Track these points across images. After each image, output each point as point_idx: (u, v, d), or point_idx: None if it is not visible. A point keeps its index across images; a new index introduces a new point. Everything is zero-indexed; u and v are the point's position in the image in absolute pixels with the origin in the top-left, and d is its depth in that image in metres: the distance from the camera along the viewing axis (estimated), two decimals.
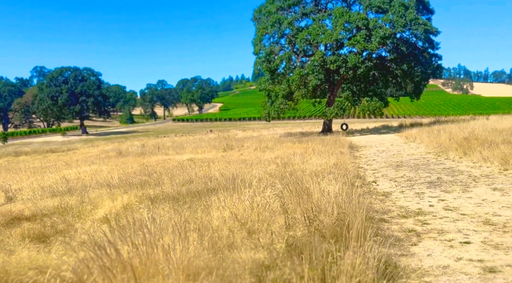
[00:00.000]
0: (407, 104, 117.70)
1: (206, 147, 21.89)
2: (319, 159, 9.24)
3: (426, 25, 26.07)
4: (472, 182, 6.54)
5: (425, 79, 28.44)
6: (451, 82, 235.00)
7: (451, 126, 18.91)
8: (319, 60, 26.37)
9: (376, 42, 25.00)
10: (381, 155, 13.20)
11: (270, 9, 28.50)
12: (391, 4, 26.23)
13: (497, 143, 9.50)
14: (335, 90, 30.61)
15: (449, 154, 10.73)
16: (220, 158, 14.06)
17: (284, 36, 28.85)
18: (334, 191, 4.23)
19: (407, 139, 18.18)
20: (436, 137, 13.81)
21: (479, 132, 13.29)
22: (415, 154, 12.28)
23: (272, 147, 18.03)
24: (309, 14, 28.54)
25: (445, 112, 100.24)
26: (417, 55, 27.01)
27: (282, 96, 29.49)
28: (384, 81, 29.19)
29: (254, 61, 30.05)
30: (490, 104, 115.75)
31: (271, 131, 45.82)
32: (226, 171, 7.70)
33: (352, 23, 25.61)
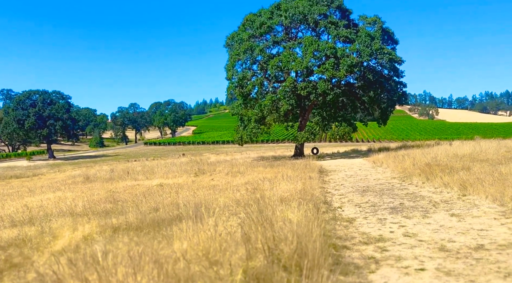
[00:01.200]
0: (376, 128, 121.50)
1: (177, 172, 21.62)
2: (287, 184, 9.35)
3: (391, 55, 27.40)
4: (432, 208, 6.80)
5: (391, 105, 29.61)
6: (417, 108, 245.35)
7: (416, 151, 19.63)
8: (290, 86, 27.06)
9: (344, 70, 25.96)
10: (349, 179, 13.49)
11: (242, 37, 29.18)
12: (357, 35, 27.48)
13: (457, 169, 9.95)
14: (306, 115, 31.29)
15: (413, 179, 11.11)
16: (190, 183, 13.92)
17: (256, 63, 29.49)
18: (296, 218, 4.30)
19: (375, 164, 18.69)
20: (401, 163, 14.30)
21: (441, 158, 13.89)
22: (381, 179, 12.63)
23: (243, 171, 18.04)
24: (280, 42, 29.41)
25: (412, 137, 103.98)
26: (383, 83, 28.18)
27: (255, 121, 29.86)
28: (352, 107, 30.18)
29: (227, 86, 30.43)
30: (455, 130, 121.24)
31: (244, 155, 45.84)
32: (194, 197, 7.64)
33: (321, 52, 26.56)
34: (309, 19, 28.07)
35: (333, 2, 28.67)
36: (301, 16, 27.87)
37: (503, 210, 5.97)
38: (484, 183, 7.45)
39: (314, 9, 27.80)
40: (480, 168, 9.57)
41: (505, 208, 6.03)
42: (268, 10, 29.73)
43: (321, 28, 28.74)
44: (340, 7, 29.26)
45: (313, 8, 27.86)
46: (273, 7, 29.75)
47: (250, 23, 29.72)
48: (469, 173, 8.96)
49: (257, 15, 30.40)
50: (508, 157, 12.23)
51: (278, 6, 29.48)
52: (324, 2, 28.51)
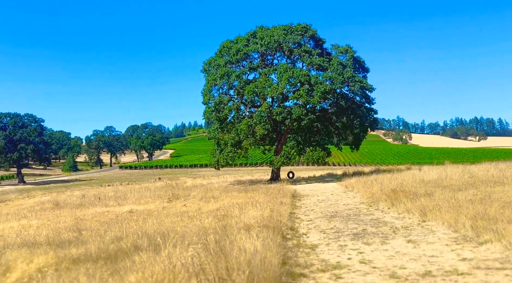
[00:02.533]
0: (352, 153, 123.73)
1: (150, 197, 21.34)
2: (256, 210, 9.44)
3: (362, 82, 28.41)
4: (392, 234, 7.02)
5: (363, 131, 30.45)
6: (391, 133, 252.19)
7: (386, 176, 20.15)
8: (266, 111, 27.54)
9: (317, 96, 26.68)
10: (320, 204, 13.69)
11: (219, 62, 29.70)
12: (330, 63, 28.45)
13: (420, 195, 10.32)
14: (282, 139, 31.72)
15: (380, 204, 11.41)
16: (161, 209, 13.78)
17: (233, 88, 29.94)
18: (253, 247, 4.40)
19: (346, 189, 19.04)
20: (370, 188, 14.66)
21: (408, 184, 14.34)
22: (350, 204, 12.89)
23: (217, 196, 18.00)
24: (256, 68, 30.07)
25: (387, 161, 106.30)
26: (355, 109, 29.08)
27: (231, 145, 29.98)
28: (326, 132, 30.85)
29: (204, 111, 30.65)
30: (427, 154, 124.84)
31: (221, 179, 45.60)
32: (159, 226, 7.61)
33: (295, 79, 27.28)
34: (284, 47, 28.93)
35: (307, 32, 29.73)
36: (276, 44, 28.71)
37: (456, 236, 6.25)
38: (442, 209, 7.77)
39: (288, 38, 28.73)
40: (441, 194, 9.97)
41: (457, 234, 6.31)
42: (245, 38, 30.49)
43: (296, 56, 29.61)
44: (313, 36, 30.34)
45: (288, 37, 28.80)
46: (249, 34, 30.55)
47: (227, 50, 30.34)
48: (430, 199, 9.32)
49: (234, 42, 31.11)
50: (469, 183, 12.78)
51: (254, 34, 30.31)
52: (298, 32, 29.53)
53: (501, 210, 6.89)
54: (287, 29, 29.54)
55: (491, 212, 6.67)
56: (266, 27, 30.78)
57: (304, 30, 29.70)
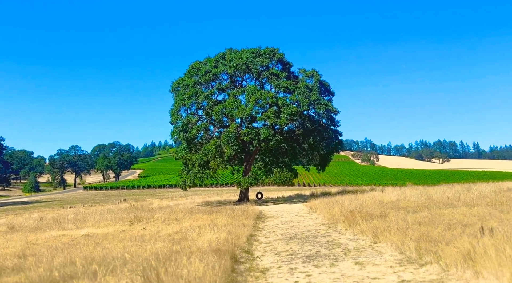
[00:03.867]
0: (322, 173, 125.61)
1: (111, 220, 20.64)
2: (214, 233, 9.36)
3: (327, 105, 29.23)
4: (343, 256, 7.15)
5: (329, 152, 31.11)
6: (360, 154, 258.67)
7: (349, 197, 20.54)
8: (234, 132, 27.67)
9: (284, 118, 27.14)
10: (282, 226, 13.74)
11: (187, 83, 29.76)
12: (297, 86, 29.16)
13: (375, 216, 10.59)
14: (250, 160, 31.82)
15: (338, 226, 11.61)
16: (118, 233, 13.36)
17: (202, 108, 29.99)
18: (196, 274, 4.37)
19: (311, 210, 19.24)
20: (331, 209, 14.90)
21: (367, 205, 14.69)
22: (311, 225, 13.02)
23: (181, 218, 17.70)
24: (225, 89, 30.38)
25: (355, 182, 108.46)
26: (321, 131, 29.75)
27: (199, 165, 29.75)
28: (293, 154, 31.26)
29: (171, 131, 30.38)
30: (393, 175, 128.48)
31: (189, 200, 44.87)
32: (111, 250, 7.38)
33: (263, 100, 27.71)
34: (253, 70, 29.45)
35: (275, 55, 30.47)
36: (245, 66, 29.20)
37: (401, 258, 6.46)
38: (392, 231, 8.02)
39: (257, 60, 29.32)
40: (395, 216, 10.29)
41: (402, 256, 6.52)
42: (214, 59, 30.84)
43: (264, 78, 30.18)
44: (281, 60, 31.12)
45: (256, 59, 29.38)
46: (218, 56, 30.94)
47: (196, 70, 30.53)
48: (384, 221, 9.59)
49: (203, 63, 31.38)
50: (424, 205, 13.27)
51: (223, 56, 30.73)
52: (266, 55, 30.21)
53: (444, 231, 7.20)
54: (255, 52, 30.16)
55: (434, 234, 6.96)
56: (235, 49, 31.33)
57: (272, 53, 30.44)
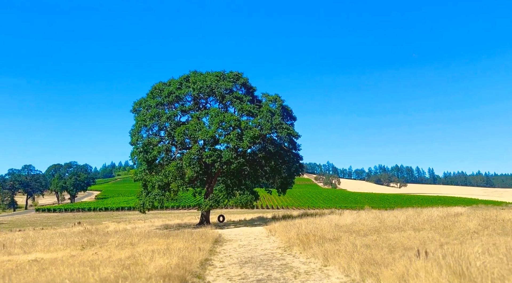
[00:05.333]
0: (285, 196, 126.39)
1: (63, 244, 19.65)
2: (167, 258, 9.20)
3: (289, 130, 29.88)
4: (292, 279, 7.29)
5: (290, 176, 31.57)
6: (322, 177, 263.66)
7: (308, 220, 20.84)
8: (196, 153, 27.53)
9: (247, 141, 27.42)
10: (240, 249, 13.70)
11: (150, 103, 29.51)
12: (260, 110, 29.70)
13: (328, 239, 10.86)
14: (212, 182, 31.63)
15: (293, 249, 11.77)
16: (69, 258, 12.74)
17: (164, 129, 29.72)
18: None
19: (270, 233, 19.32)
20: (289, 232, 15.07)
21: (323, 228, 15.01)
22: (268, 249, 13.09)
23: (136, 242, 17.17)
24: (189, 111, 30.37)
25: (316, 205, 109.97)
26: (283, 155, 30.26)
27: (159, 187, 29.17)
28: (255, 176, 31.46)
29: (131, 151, 29.73)
30: (353, 199, 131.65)
31: (148, 224, 43.54)
32: (56, 277, 7.07)
33: (227, 123, 27.94)
34: (217, 93, 29.75)
35: (239, 80, 31.04)
36: (209, 89, 29.47)
37: (346, 280, 6.70)
38: (340, 254, 8.29)
39: (221, 84, 29.70)
40: (346, 239, 10.61)
41: (347, 279, 6.76)
42: (177, 81, 30.90)
43: (227, 101, 30.53)
44: (245, 84, 31.72)
45: (220, 83, 29.77)
46: (182, 78, 31.07)
47: (159, 91, 30.40)
48: (335, 244, 9.87)
49: (166, 84, 31.32)
50: (376, 228, 13.76)
51: (187, 78, 30.89)
52: (230, 79, 30.70)
53: (387, 255, 7.55)
54: (219, 75, 30.58)
55: (378, 257, 7.28)
56: (199, 72, 31.62)
57: (236, 77, 30.98)
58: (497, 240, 7.50)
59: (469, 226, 10.95)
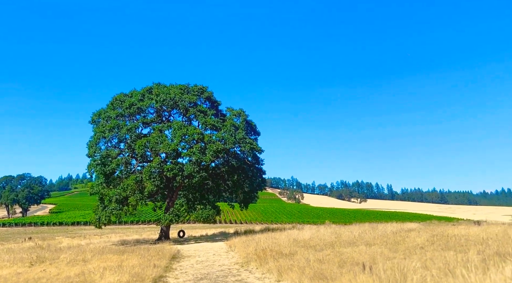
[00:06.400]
0: (249, 211, 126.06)
1: (10, 260, 18.47)
2: (117, 275, 8.92)
3: (252, 144, 30.07)
4: None
5: (252, 190, 31.65)
6: (286, 192, 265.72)
7: (268, 235, 20.89)
8: (157, 166, 27.00)
9: (210, 155, 27.28)
10: (197, 266, 13.50)
11: (110, 114, 28.78)
12: (224, 124, 29.75)
13: (284, 254, 10.97)
14: (173, 196, 31.05)
15: (251, 264, 11.77)
16: (13, 276, 11.99)
17: (124, 141, 29.01)
18: None
19: (229, 249, 19.17)
20: (247, 248, 15.06)
21: (281, 243, 15.13)
22: (225, 265, 13.00)
23: (89, 259, 16.47)
24: (151, 123, 29.88)
25: (280, 219, 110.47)
26: (246, 169, 30.34)
27: (116, 201, 28.27)
28: (217, 190, 31.26)
29: (88, 164, 28.73)
30: (315, 213, 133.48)
31: (104, 239, 41.83)
32: None
33: (190, 136, 27.72)
34: (180, 106, 29.52)
35: (203, 93, 31.03)
36: (172, 102, 29.21)
37: None
38: (293, 269, 8.41)
39: (185, 97, 29.54)
40: (301, 254, 10.78)
41: None
42: (140, 92, 30.41)
43: (191, 114, 30.35)
44: (209, 98, 31.73)
45: (184, 96, 29.61)
46: (145, 90, 30.63)
47: (120, 103, 29.76)
48: (290, 259, 10.00)
49: (128, 95, 30.74)
50: (331, 243, 14.06)
51: (150, 90, 30.49)
52: (195, 92, 30.62)
53: (336, 269, 7.75)
54: (183, 88, 30.44)
55: (327, 272, 7.47)
56: (163, 84, 31.33)
57: (200, 91, 30.95)
58: (438, 254, 7.93)
59: (418, 242, 11.47)
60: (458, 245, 9.64)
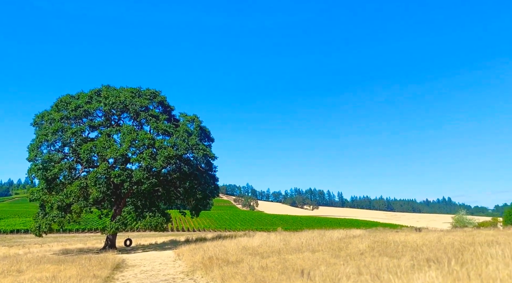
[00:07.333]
0: (202, 218, 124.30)
1: None
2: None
3: (205, 151, 29.76)
4: None
5: (204, 197, 31.25)
6: (241, 199, 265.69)
7: (218, 243, 20.74)
8: (104, 172, 25.87)
9: (161, 160, 26.60)
10: (140, 276, 13.02)
11: (54, 117, 27.25)
12: (176, 129, 29.20)
13: (230, 262, 10.89)
14: (121, 204, 29.86)
15: (196, 273, 11.55)
16: None
17: (68, 145, 27.56)
18: None
19: (177, 257, 18.73)
20: (195, 256, 14.79)
21: (230, 251, 15.02)
22: (170, 274, 12.66)
23: (24, 269, 15.35)
24: (98, 127, 28.63)
25: (233, 227, 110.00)
26: (198, 176, 29.92)
27: (58, 208, 26.71)
28: (168, 198, 30.52)
29: (29, 168, 26.90)
30: (269, 220, 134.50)
31: (45, 248, 39.33)
32: None
33: (140, 141, 26.88)
34: (131, 109, 28.61)
35: (156, 97, 30.32)
36: (122, 105, 28.23)
37: None
38: (236, 277, 8.37)
39: (136, 100, 28.68)
40: (247, 261, 10.76)
41: None
42: (87, 95, 29.11)
43: (143, 119, 29.50)
44: (162, 102, 31.06)
45: (135, 99, 28.75)
46: (93, 92, 29.38)
47: (65, 105, 28.29)
48: (235, 267, 9.94)
49: (74, 97, 29.32)
50: (279, 250, 14.20)
51: (99, 92, 29.30)
52: (147, 96, 29.84)
53: (277, 275, 7.83)
54: (135, 92, 29.57)
55: (268, 278, 7.51)
56: (112, 87, 30.26)
57: (153, 95, 30.23)
58: (375, 260, 8.27)
59: (360, 248, 11.88)
60: (395, 251, 10.11)
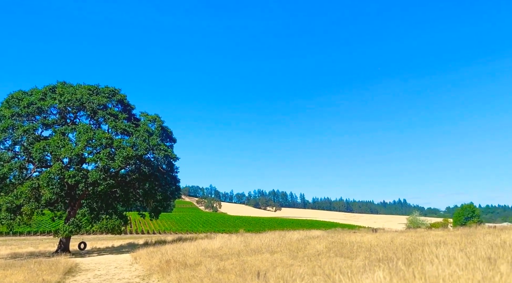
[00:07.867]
0: (163, 220, 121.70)
1: None
2: None
3: (167, 151, 29.18)
4: None
5: (165, 199, 30.62)
6: (204, 201, 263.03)
7: (177, 245, 20.34)
8: (57, 172, 24.70)
9: (119, 161, 25.77)
10: (94, 280, 12.51)
11: (4, 113, 25.72)
12: (136, 129, 28.43)
13: (188, 265, 10.72)
14: (76, 205, 28.63)
15: (153, 277, 11.28)
16: None
17: (19, 144, 26.08)
18: None
19: (134, 261, 18.21)
20: (152, 259, 14.45)
21: (189, 253, 14.80)
22: (126, 278, 12.26)
23: None
24: (52, 125, 27.31)
25: (196, 229, 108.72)
26: (159, 177, 29.28)
27: (7, 210, 25.20)
28: (126, 199, 29.64)
29: None
30: (232, 222, 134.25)
31: None
32: None
33: (97, 141, 25.91)
34: (88, 107, 27.53)
35: (115, 96, 29.37)
36: (79, 103, 27.12)
37: None
38: (193, 280, 8.25)
39: (93, 98, 27.65)
40: (206, 264, 10.64)
41: None
42: (41, 91, 27.70)
43: (101, 117, 28.46)
44: (122, 101, 30.12)
45: (93, 97, 27.71)
46: (48, 89, 28.00)
47: (17, 101, 26.77)
48: (192, 270, 9.80)
49: (27, 94, 27.81)
50: (239, 252, 14.16)
51: (54, 89, 27.97)
52: (105, 94, 28.83)
53: (234, 278, 7.80)
54: (92, 89, 28.50)
55: (225, 281, 7.47)
56: (69, 83, 29.00)
57: (112, 93, 29.27)
58: (330, 261, 8.46)
59: (317, 248, 12.11)
60: (351, 251, 10.39)
